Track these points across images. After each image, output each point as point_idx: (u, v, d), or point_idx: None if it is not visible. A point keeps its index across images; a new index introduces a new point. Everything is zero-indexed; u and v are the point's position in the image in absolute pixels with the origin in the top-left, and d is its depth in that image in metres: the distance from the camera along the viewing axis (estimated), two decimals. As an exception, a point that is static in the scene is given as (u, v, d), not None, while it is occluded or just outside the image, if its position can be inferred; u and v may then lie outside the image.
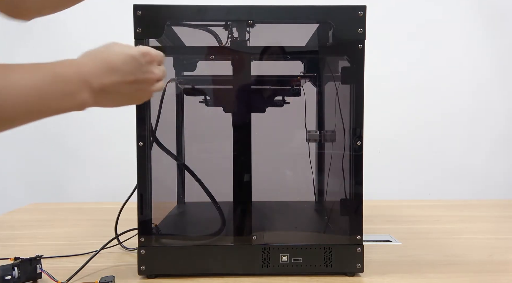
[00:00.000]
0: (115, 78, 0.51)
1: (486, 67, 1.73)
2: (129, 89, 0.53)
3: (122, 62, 0.51)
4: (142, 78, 0.54)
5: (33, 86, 0.42)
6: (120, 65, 0.51)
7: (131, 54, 0.53)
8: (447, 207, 1.48)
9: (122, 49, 0.52)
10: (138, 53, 0.54)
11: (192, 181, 0.90)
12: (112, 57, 0.51)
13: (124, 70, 0.52)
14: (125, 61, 0.52)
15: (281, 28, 0.91)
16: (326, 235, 0.94)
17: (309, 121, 1.03)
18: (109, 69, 0.50)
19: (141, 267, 0.83)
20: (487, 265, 0.91)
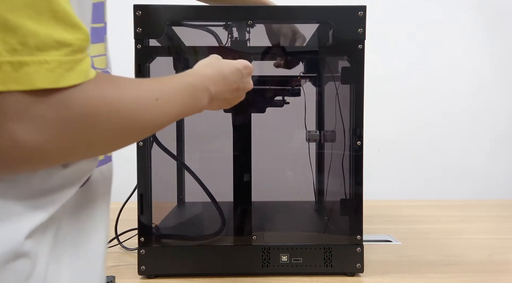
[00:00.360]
0: (224, 86, 0.58)
1: (486, 67, 1.73)
2: (231, 95, 0.61)
3: (230, 73, 0.59)
4: (242, 87, 0.63)
5: (180, 98, 0.49)
6: (229, 75, 0.59)
7: (237, 66, 0.61)
8: (447, 207, 1.48)
9: (229, 62, 0.61)
10: (242, 65, 0.62)
11: (192, 181, 0.90)
12: (223, 68, 0.59)
13: (232, 79, 0.60)
14: (233, 72, 0.60)
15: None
16: (326, 235, 0.94)
17: (309, 121, 1.03)
18: (222, 78, 0.58)
19: (141, 267, 0.83)
20: (487, 265, 0.91)
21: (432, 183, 1.73)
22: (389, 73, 1.69)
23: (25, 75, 0.31)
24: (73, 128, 0.36)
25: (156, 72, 0.86)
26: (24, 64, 0.31)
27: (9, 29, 0.31)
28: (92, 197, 0.49)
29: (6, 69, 0.31)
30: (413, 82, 1.71)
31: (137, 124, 0.42)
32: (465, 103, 1.73)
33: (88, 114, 0.36)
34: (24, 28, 0.31)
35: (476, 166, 1.74)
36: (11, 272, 0.36)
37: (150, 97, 0.43)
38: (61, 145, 0.36)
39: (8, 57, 0.31)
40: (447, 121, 1.73)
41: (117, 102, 0.39)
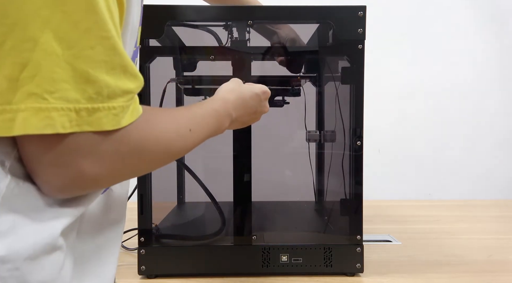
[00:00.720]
0: (244, 110, 0.64)
1: (486, 67, 1.73)
2: (249, 118, 0.67)
3: (250, 98, 0.64)
4: (260, 110, 0.68)
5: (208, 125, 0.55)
6: (249, 100, 0.64)
7: (256, 92, 0.66)
8: (447, 207, 1.48)
9: (249, 87, 0.66)
10: (260, 91, 0.67)
11: (192, 181, 0.90)
12: (244, 93, 0.64)
13: (251, 104, 0.65)
14: (252, 97, 0.65)
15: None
16: (326, 235, 0.94)
17: (309, 121, 1.03)
18: (242, 103, 0.63)
19: (141, 267, 0.83)
20: (487, 265, 0.91)
21: (432, 183, 1.73)
22: (389, 73, 1.69)
23: (96, 119, 0.38)
24: (128, 160, 0.43)
25: (156, 72, 0.86)
26: (97, 110, 0.38)
27: (89, 81, 0.37)
28: (111, 204, 0.54)
29: (83, 114, 0.37)
30: (413, 82, 1.71)
31: (175, 151, 0.49)
32: (465, 103, 1.73)
33: (140, 147, 0.43)
34: (101, 80, 0.38)
35: (476, 166, 1.74)
36: (50, 262, 0.41)
37: (185, 128, 0.50)
38: (116, 175, 0.43)
39: (85, 104, 0.37)
40: (447, 121, 1.73)
41: (160, 136, 0.46)
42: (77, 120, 0.37)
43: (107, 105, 0.38)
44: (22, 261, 0.39)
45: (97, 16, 0.37)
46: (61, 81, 0.36)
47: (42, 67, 0.36)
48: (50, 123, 0.36)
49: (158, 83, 0.89)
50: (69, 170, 0.39)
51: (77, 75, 0.37)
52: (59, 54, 0.36)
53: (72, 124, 0.37)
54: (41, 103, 0.36)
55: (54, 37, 0.36)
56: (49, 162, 0.38)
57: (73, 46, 0.37)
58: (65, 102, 0.36)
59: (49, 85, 0.36)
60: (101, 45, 0.38)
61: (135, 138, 0.42)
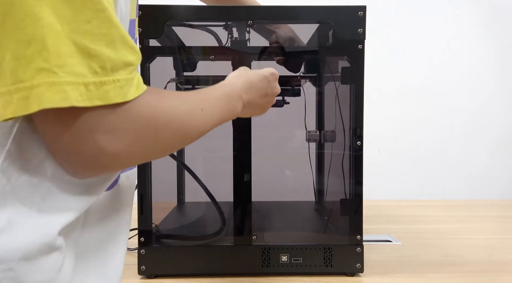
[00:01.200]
0: (255, 93, 0.64)
1: (486, 67, 1.73)
2: (261, 101, 0.67)
3: (258, 80, 0.65)
4: (271, 92, 0.68)
5: (219, 107, 0.55)
6: (257, 82, 0.65)
7: (264, 74, 0.67)
8: (447, 207, 1.48)
9: (257, 71, 0.67)
10: (268, 73, 0.67)
11: (192, 181, 0.90)
12: (251, 77, 0.64)
13: (260, 86, 0.66)
14: (260, 79, 0.66)
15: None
16: (326, 235, 0.94)
17: (309, 121, 1.03)
18: (251, 86, 0.64)
19: (141, 267, 0.83)
20: (487, 265, 0.91)
21: (432, 183, 1.73)
22: (389, 73, 1.69)
23: (104, 92, 0.38)
24: (142, 136, 0.43)
25: (156, 72, 0.86)
26: (103, 84, 0.38)
27: (92, 56, 0.37)
28: (120, 201, 0.54)
29: (91, 88, 0.37)
30: (413, 82, 1.71)
31: (188, 131, 0.49)
32: (465, 103, 1.73)
33: (152, 123, 0.43)
34: (103, 54, 0.38)
35: (477, 166, 1.74)
36: (48, 263, 0.41)
37: (197, 107, 0.50)
38: (133, 151, 0.43)
39: (92, 78, 0.37)
40: (447, 121, 1.73)
41: (173, 113, 0.46)
42: (87, 94, 0.37)
43: (112, 78, 0.39)
44: (16, 262, 0.38)
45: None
46: (66, 56, 0.36)
47: (47, 41, 0.35)
48: (64, 97, 0.36)
49: (158, 83, 0.89)
50: (88, 147, 0.39)
51: (80, 50, 0.37)
52: (59, 30, 0.36)
53: (84, 98, 0.37)
54: (53, 78, 0.36)
55: (52, 13, 0.36)
56: (68, 141, 0.38)
57: (70, 21, 0.37)
58: (74, 76, 0.36)
59: (57, 59, 0.36)
60: (97, 18, 0.38)
61: (146, 113, 0.42)
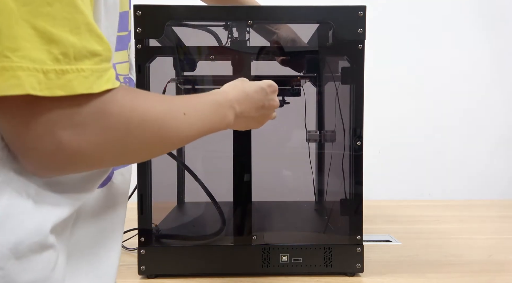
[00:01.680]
0: (249, 104, 0.62)
1: (486, 67, 1.73)
2: (257, 113, 0.64)
3: (254, 91, 0.63)
4: (267, 104, 0.66)
5: (206, 113, 0.52)
6: (253, 93, 0.63)
7: (261, 85, 0.65)
8: (447, 207, 1.48)
9: (253, 82, 0.65)
10: (266, 84, 0.65)
11: (192, 181, 0.90)
12: (247, 88, 0.62)
13: (256, 97, 0.63)
14: (256, 90, 0.63)
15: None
16: (326, 235, 0.94)
17: (309, 121, 1.03)
18: (246, 96, 0.61)
19: (141, 267, 0.83)
20: (487, 265, 0.91)
21: (432, 183, 1.73)
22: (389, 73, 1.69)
23: (66, 81, 0.35)
24: (110, 135, 0.39)
25: (156, 72, 0.86)
26: (66, 72, 0.35)
27: (53, 41, 0.35)
28: (113, 198, 0.53)
29: (51, 77, 0.34)
30: (413, 82, 1.71)
31: (166, 135, 0.46)
32: (465, 103, 1.73)
33: (122, 121, 0.40)
34: (65, 40, 0.35)
35: (476, 166, 1.74)
36: (40, 261, 0.40)
37: (178, 110, 0.47)
38: (100, 150, 0.40)
39: (52, 65, 0.34)
40: (447, 121, 1.73)
41: (148, 112, 0.43)
42: (46, 82, 0.34)
43: (75, 67, 0.36)
44: (6, 261, 0.37)
45: None
46: (22, 40, 0.33)
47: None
48: (17, 83, 0.33)
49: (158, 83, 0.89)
50: (47, 141, 0.36)
51: (39, 34, 0.34)
52: (15, 11, 0.33)
53: (42, 87, 0.34)
54: (3, 62, 0.33)
55: None
56: (26, 135, 0.36)
57: (29, 2, 0.34)
58: (30, 62, 0.33)
59: (10, 42, 0.33)
60: (60, 2, 0.35)
61: (116, 110, 0.39)
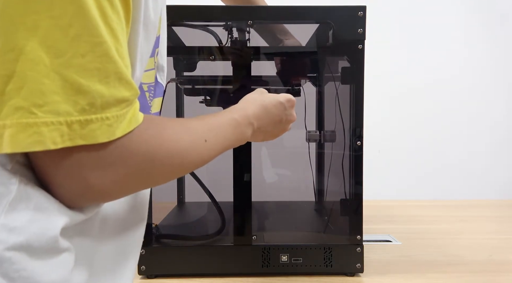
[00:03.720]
0: (267, 120, 0.62)
1: (486, 67, 1.73)
2: (274, 128, 0.65)
3: (273, 106, 0.63)
4: (285, 119, 0.66)
5: (226, 135, 0.54)
6: (272, 108, 0.63)
7: (280, 100, 0.64)
8: (447, 207, 1.48)
9: (272, 96, 0.64)
10: (284, 99, 0.65)
11: (192, 181, 0.90)
12: (266, 102, 0.62)
13: (274, 113, 0.63)
14: (275, 105, 0.63)
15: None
16: (326, 235, 0.94)
17: (309, 121, 1.03)
18: (264, 112, 0.62)
19: (141, 267, 0.83)
20: (487, 265, 0.91)
21: (432, 183, 1.73)
22: (389, 73, 1.69)
23: (90, 131, 0.36)
24: (136, 172, 0.41)
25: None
26: (90, 122, 0.36)
27: (81, 92, 0.35)
28: (137, 213, 0.54)
29: (75, 127, 0.35)
30: (413, 82, 1.71)
31: (188, 166, 0.47)
32: (465, 103, 1.73)
33: (147, 159, 0.41)
34: (93, 91, 0.35)
35: (476, 166, 1.74)
36: (59, 262, 0.40)
37: (199, 139, 0.48)
38: (126, 186, 0.42)
39: (78, 116, 0.35)
40: (447, 121, 1.73)
41: (173, 147, 0.44)
42: (69, 134, 0.35)
43: (101, 116, 0.36)
44: (30, 262, 0.38)
45: (87, 20, 0.35)
46: (50, 93, 0.34)
47: (28, 78, 0.33)
48: (39, 140, 0.34)
49: (158, 83, 0.89)
50: (74, 182, 0.38)
51: (68, 85, 0.35)
52: (47, 64, 0.34)
53: (64, 139, 0.35)
54: (29, 118, 0.34)
55: (41, 45, 0.34)
56: (55, 175, 0.38)
57: (62, 54, 0.34)
58: (55, 116, 0.34)
59: (37, 98, 0.34)
60: (93, 52, 0.36)
61: (142, 148, 0.41)
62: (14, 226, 0.37)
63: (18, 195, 0.38)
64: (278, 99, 0.64)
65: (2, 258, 0.36)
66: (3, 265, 0.36)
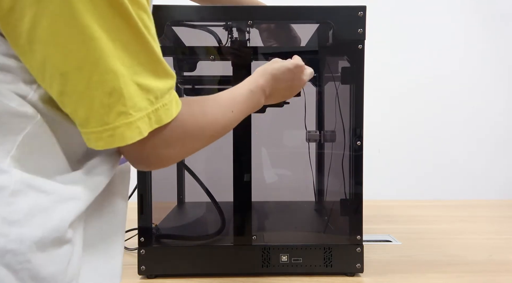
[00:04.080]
0: (277, 86, 0.70)
1: (486, 67, 1.73)
2: (286, 90, 0.73)
3: (281, 73, 0.70)
4: (296, 84, 0.74)
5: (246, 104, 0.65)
6: (280, 75, 0.70)
7: (288, 67, 0.71)
8: (447, 207, 1.48)
9: (281, 63, 0.71)
10: (292, 65, 0.72)
11: (192, 181, 0.90)
12: (275, 71, 0.70)
13: (284, 78, 0.71)
14: (284, 72, 0.71)
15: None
16: (326, 235, 0.94)
17: (309, 121, 1.03)
18: (274, 80, 0.69)
19: (141, 267, 0.83)
20: (487, 265, 0.91)
21: (432, 183, 1.73)
22: (389, 73, 1.69)
23: (158, 117, 0.48)
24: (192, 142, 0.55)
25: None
26: (158, 110, 0.48)
27: (149, 91, 0.47)
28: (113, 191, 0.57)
29: (151, 116, 0.47)
30: (413, 82, 1.71)
31: (221, 131, 0.60)
32: (465, 103, 1.73)
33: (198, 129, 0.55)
34: (155, 87, 0.48)
35: (477, 166, 1.74)
36: (60, 255, 0.45)
37: (228, 111, 0.61)
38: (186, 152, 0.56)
39: (151, 108, 0.47)
40: (447, 121, 1.73)
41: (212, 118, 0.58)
42: (149, 123, 0.47)
43: (162, 104, 0.48)
44: (33, 253, 0.41)
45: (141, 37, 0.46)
46: (134, 96, 0.45)
47: (122, 90, 0.44)
48: (139, 132, 0.46)
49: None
50: (153, 158, 0.51)
51: (140, 88, 0.46)
52: (125, 75, 0.45)
53: (148, 127, 0.47)
54: (130, 118, 0.45)
55: (120, 63, 0.44)
56: (138, 155, 0.51)
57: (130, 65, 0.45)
58: (141, 112, 0.46)
59: (130, 102, 0.45)
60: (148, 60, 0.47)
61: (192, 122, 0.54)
62: (18, 218, 0.41)
63: (18, 187, 0.42)
64: (286, 66, 0.71)
65: (4, 249, 0.40)
66: (6, 256, 0.40)
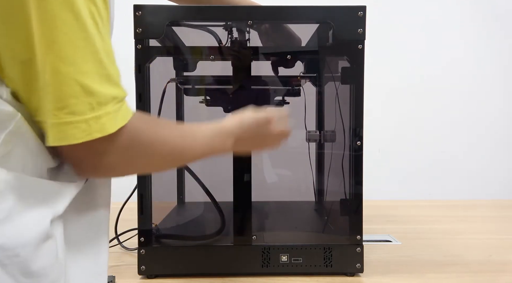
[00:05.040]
0: (244, 134, 0.68)
1: (486, 67, 1.73)
2: (254, 142, 0.70)
3: (248, 123, 0.68)
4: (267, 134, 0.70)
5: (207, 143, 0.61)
6: (246, 124, 0.68)
7: (255, 117, 0.69)
8: (447, 207, 1.48)
9: (251, 113, 0.69)
10: (260, 117, 0.69)
11: (192, 181, 0.90)
12: (244, 120, 0.68)
13: (249, 129, 0.68)
14: (250, 123, 0.68)
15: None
16: (326, 235, 0.94)
17: (309, 121, 1.03)
18: (240, 127, 0.67)
19: (141, 267, 0.83)
20: (486, 265, 0.91)
21: (432, 183, 1.73)
22: (389, 73, 1.69)
23: (101, 125, 0.44)
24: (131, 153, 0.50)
25: (156, 72, 0.86)
26: (100, 117, 0.44)
27: (92, 94, 0.43)
28: (94, 190, 0.56)
29: (91, 123, 0.43)
30: (413, 82, 1.71)
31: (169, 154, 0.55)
32: (465, 103, 1.73)
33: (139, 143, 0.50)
34: (99, 92, 0.44)
35: (476, 166, 1.74)
36: (47, 249, 0.45)
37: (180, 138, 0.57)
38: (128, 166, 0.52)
39: (91, 114, 0.43)
40: (447, 121, 1.73)
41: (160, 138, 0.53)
42: (88, 130, 0.43)
43: (105, 112, 0.44)
44: (22, 248, 0.42)
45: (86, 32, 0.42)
46: (69, 97, 0.42)
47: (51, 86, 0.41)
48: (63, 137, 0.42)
49: (158, 83, 0.89)
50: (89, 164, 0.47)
51: (82, 89, 0.42)
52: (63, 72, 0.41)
53: (85, 134, 0.43)
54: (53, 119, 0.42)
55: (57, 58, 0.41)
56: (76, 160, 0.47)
57: (73, 63, 0.42)
58: (75, 116, 0.42)
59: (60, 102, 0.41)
60: (93, 60, 0.43)
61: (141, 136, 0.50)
62: (2, 216, 0.41)
63: (1, 186, 0.42)
64: (254, 116, 0.69)
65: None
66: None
